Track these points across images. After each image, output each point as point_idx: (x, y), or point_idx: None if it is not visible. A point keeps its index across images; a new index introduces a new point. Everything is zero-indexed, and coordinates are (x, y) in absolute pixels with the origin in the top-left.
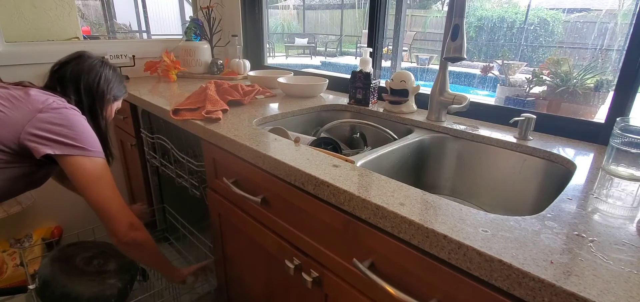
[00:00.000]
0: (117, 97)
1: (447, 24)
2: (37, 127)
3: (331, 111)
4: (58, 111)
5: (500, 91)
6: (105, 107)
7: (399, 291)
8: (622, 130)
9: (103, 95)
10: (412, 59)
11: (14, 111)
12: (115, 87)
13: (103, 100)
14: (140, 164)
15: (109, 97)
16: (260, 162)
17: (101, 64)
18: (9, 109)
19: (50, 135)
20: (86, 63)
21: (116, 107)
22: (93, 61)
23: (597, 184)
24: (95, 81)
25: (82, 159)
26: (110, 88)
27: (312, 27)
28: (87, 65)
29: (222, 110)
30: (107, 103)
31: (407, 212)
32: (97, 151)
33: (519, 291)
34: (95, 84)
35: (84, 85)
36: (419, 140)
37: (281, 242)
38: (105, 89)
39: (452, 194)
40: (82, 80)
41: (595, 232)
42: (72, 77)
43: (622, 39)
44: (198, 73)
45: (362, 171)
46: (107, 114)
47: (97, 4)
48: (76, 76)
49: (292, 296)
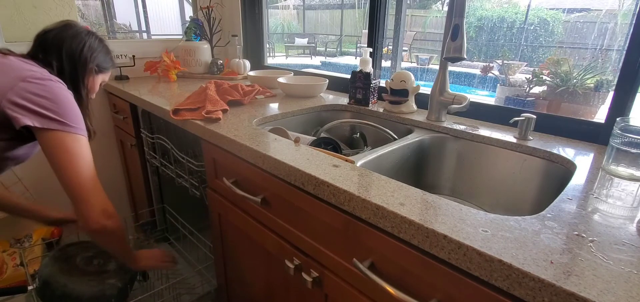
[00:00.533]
0: (102, 68)
1: (447, 24)
2: (20, 95)
3: (331, 111)
4: (42, 82)
5: (500, 91)
6: (87, 76)
7: (399, 291)
8: (622, 130)
9: (85, 64)
10: (412, 59)
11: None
12: (99, 57)
13: (85, 69)
14: (140, 164)
15: (92, 67)
16: (260, 162)
17: (87, 34)
18: None
19: (32, 106)
20: (71, 31)
21: (102, 80)
22: (78, 29)
23: (597, 184)
24: (78, 48)
25: (62, 134)
26: (94, 57)
27: (312, 27)
28: (71, 32)
29: (222, 110)
30: (90, 73)
31: (407, 212)
32: (80, 127)
33: (519, 291)
34: (78, 51)
35: (66, 52)
36: (419, 141)
37: (281, 242)
38: (88, 57)
39: (452, 194)
40: (64, 47)
41: (595, 232)
42: (55, 42)
43: (622, 39)
44: (198, 73)
45: (362, 171)
46: (90, 84)
47: (97, 4)
48: (59, 42)
49: (292, 296)
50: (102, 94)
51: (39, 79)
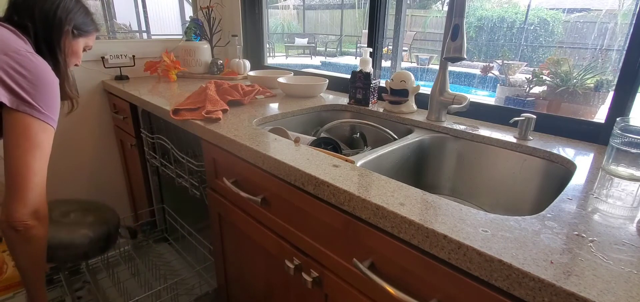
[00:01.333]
0: (82, 31)
1: (447, 24)
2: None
3: (331, 111)
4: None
5: (500, 91)
6: (64, 39)
7: (399, 291)
8: (622, 130)
9: (61, 25)
10: (412, 59)
11: None
12: (76, 18)
13: (61, 31)
14: (140, 164)
15: (68, 29)
16: (260, 162)
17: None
18: None
19: (8, 81)
20: None
21: (84, 44)
22: None
23: (597, 184)
24: (51, 9)
25: (30, 118)
26: (70, 18)
27: (312, 27)
28: None
29: (222, 110)
30: (66, 35)
31: (407, 212)
32: (51, 117)
33: (519, 291)
34: (52, 12)
35: (39, 13)
36: (419, 141)
37: (281, 242)
38: (64, 18)
39: (452, 194)
40: (36, 7)
41: (595, 232)
42: (27, 3)
43: (622, 39)
44: (198, 73)
45: (362, 171)
46: (68, 49)
47: (97, 4)
48: (31, 3)
49: (292, 296)
50: (102, 94)
51: (23, 54)
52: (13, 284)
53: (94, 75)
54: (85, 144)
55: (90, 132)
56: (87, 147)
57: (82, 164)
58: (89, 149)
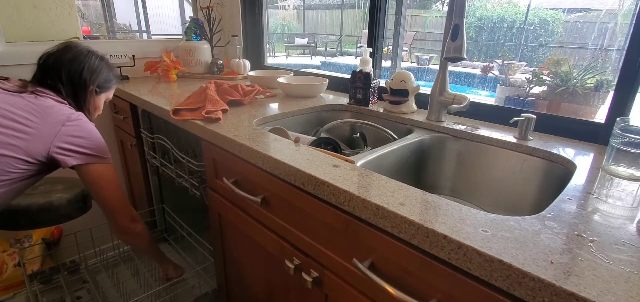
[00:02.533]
0: (103, 88)
1: (447, 24)
2: (64, 140)
3: (331, 111)
4: (78, 123)
5: (500, 91)
6: (89, 98)
7: (399, 291)
8: (622, 130)
9: (85, 87)
10: (412, 59)
11: (43, 126)
12: (99, 78)
13: (85, 91)
14: (140, 164)
15: (92, 89)
16: (260, 162)
17: (86, 54)
18: (38, 124)
19: (75, 147)
20: (69, 53)
21: (105, 98)
22: (77, 50)
23: (597, 184)
24: (77, 72)
25: (99, 166)
26: (93, 79)
27: (312, 27)
28: (70, 55)
29: (222, 110)
30: (91, 95)
31: (407, 212)
32: (109, 157)
33: (519, 291)
34: (77, 74)
35: (66, 76)
36: (419, 141)
37: (281, 242)
38: (88, 79)
39: (452, 194)
40: (63, 71)
41: (595, 232)
42: (56, 66)
43: (622, 39)
44: (198, 73)
45: (362, 171)
46: (92, 105)
47: (97, 4)
48: (59, 66)
49: (292, 296)
50: None
51: (74, 120)
52: (13, 284)
53: None
54: None
55: None
56: None
57: None
58: None
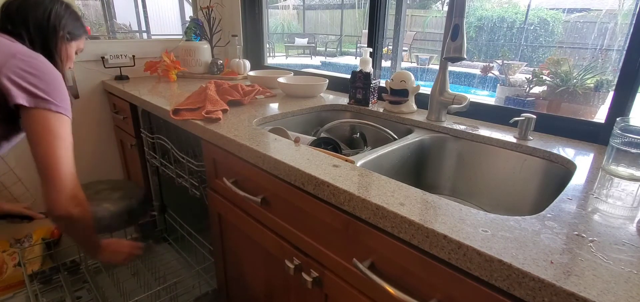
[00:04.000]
0: (74, 35)
1: (447, 24)
2: (14, 72)
3: (331, 111)
4: (33, 60)
5: (500, 91)
6: (60, 45)
7: (399, 291)
8: (622, 130)
9: (55, 32)
10: (412, 59)
11: None
12: (68, 24)
13: (56, 37)
14: (140, 164)
15: (62, 34)
16: (260, 162)
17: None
18: None
19: (25, 83)
20: None
21: (77, 48)
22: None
23: (597, 184)
24: (44, 17)
25: (48, 113)
26: (63, 24)
27: (312, 27)
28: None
29: (222, 110)
30: (61, 41)
31: (407, 212)
32: (66, 108)
33: (519, 291)
34: (45, 19)
35: (33, 22)
36: (419, 141)
37: (281, 242)
38: (57, 24)
39: (452, 194)
40: (29, 17)
41: (595, 232)
42: (20, 12)
43: (622, 39)
44: (198, 73)
45: (362, 171)
46: (63, 53)
47: (97, 4)
48: (23, 12)
49: (292, 296)
50: (101, 94)
51: (29, 55)
52: (13, 284)
53: (94, 75)
54: (85, 143)
55: (90, 131)
56: (87, 147)
57: (82, 164)
58: (89, 148)
